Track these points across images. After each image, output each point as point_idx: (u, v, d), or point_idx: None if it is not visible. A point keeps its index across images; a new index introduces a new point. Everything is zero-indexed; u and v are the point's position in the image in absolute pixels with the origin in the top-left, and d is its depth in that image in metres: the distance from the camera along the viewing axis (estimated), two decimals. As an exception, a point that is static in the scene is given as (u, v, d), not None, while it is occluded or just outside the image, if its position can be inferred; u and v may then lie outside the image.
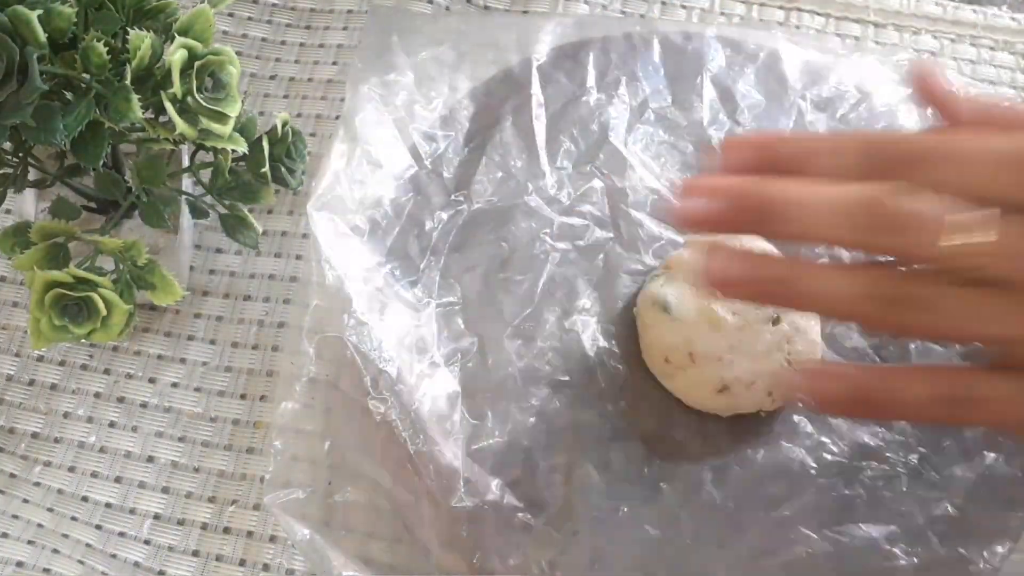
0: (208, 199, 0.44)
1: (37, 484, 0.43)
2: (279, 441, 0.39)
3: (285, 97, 0.52)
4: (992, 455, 0.39)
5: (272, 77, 0.53)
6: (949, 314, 0.30)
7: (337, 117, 0.51)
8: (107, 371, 0.46)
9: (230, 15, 0.54)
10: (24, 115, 0.36)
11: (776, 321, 0.40)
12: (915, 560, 0.37)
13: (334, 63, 0.53)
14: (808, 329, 0.40)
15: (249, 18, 0.55)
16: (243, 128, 0.41)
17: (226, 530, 0.42)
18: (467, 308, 0.41)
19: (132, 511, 0.43)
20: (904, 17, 0.54)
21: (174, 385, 0.45)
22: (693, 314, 0.39)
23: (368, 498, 0.38)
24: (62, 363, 0.46)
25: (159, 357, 0.46)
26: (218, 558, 0.42)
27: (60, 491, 0.43)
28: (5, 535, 0.41)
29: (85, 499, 0.43)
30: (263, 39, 0.54)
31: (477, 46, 0.46)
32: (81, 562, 0.41)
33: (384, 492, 0.38)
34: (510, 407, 0.40)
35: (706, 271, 0.33)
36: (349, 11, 0.55)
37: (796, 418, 0.40)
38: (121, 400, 0.45)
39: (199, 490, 0.43)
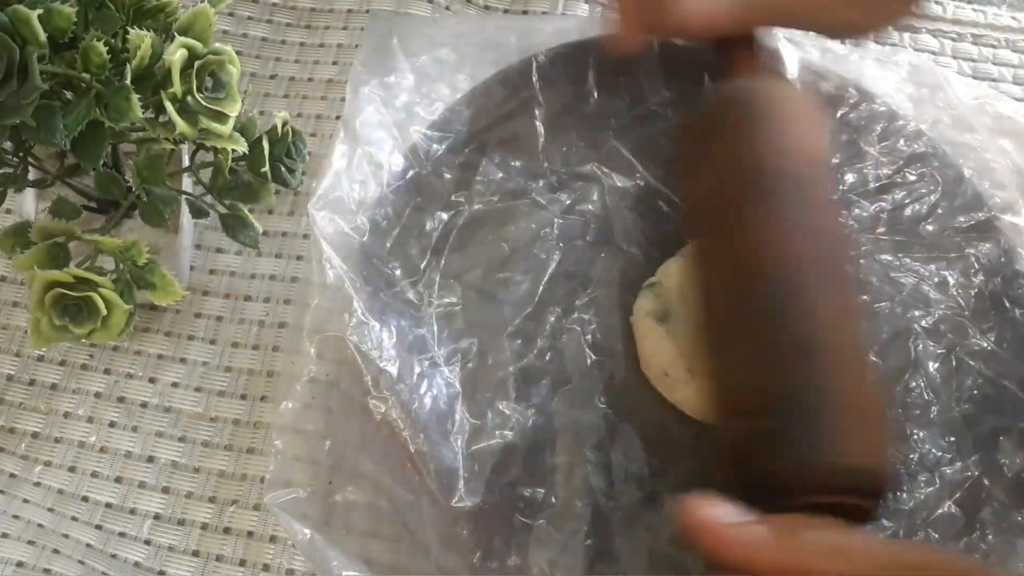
0: (208, 199, 0.44)
1: (37, 484, 0.43)
2: (280, 441, 0.39)
3: (285, 97, 0.52)
4: (994, 456, 0.39)
5: (272, 77, 0.53)
6: None
7: (337, 117, 0.51)
8: (107, 371, 0.46)
9: (230, 14, 0.54)
10: (24, 115, 0.36)
11: None
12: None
13: (334, 63, 0.53)
14: None
15: (249, 17, 0.55)
16: (243, 128, 0.41)
17: (226, 530, 0.42)
18: (467, 308, 0.41)
19: (132, 511, 0.43)
20: (904, 17, 0.54)
21: (174, 385, 0.45)
22: (690, 328, 0.39)
23: (368, 498, 0.38)
24: (62, 363, 0.46)
25: (159, 357, 0.46)
26: (218, 558, 0.42)
27: (60, 491, 0.43)
28: (5, 535, 0.41)
29: (85, 499, 0.43)
30: (263, 39, 0.54)
31: (477, 48, 0.46)
32: (81, 562, 0.41)
33: (384, 492, 0.38)
34: (510, 407, 0.39)
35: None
36: (349, 11, 0.55)
37: None
38: (121, 400, 0.45)
39: (199, 490, 0.43)
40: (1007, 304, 0.42)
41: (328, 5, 0.55)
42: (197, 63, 0.38)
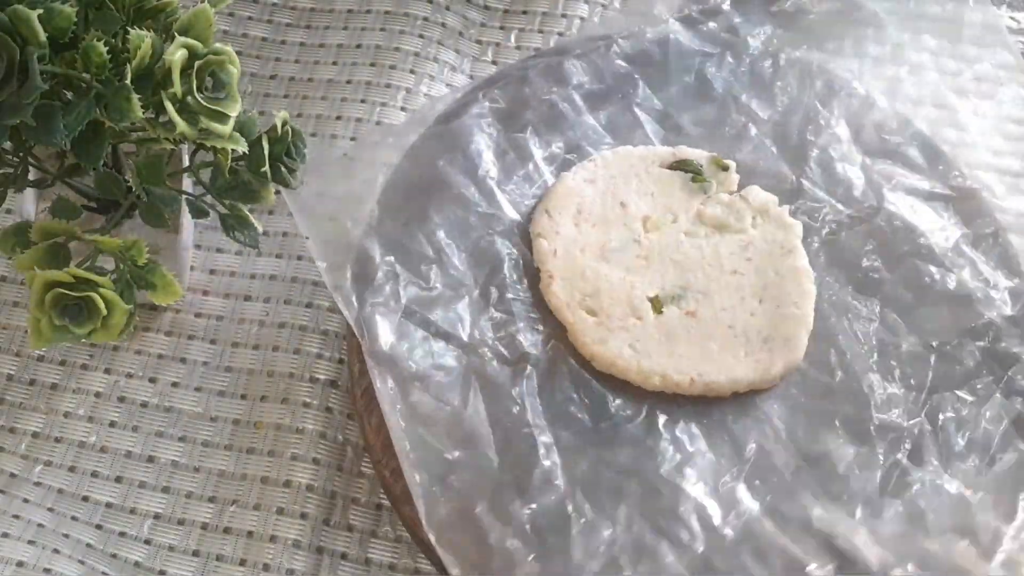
0: (208, 199, 0.44)
1: (38, 484, 0.43)
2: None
3: (285, 97, 0.52)
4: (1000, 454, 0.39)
5: (272, 77, 0.53)
6: None
7: (338, 118, 0.51)
8: (107, 371, 0.46)
9: (230, 14, 0.54)
10: (24, 115, 0.36)
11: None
12: (913, 567, 0.37)
13: (334, 63, 0.53)
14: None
15: (249, 17, 0.55)
16: (242, 127, 0.41)
17: (226, 530, 0.42)
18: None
19: (132, 511, 0.43)
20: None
21: (174, 385, 0.45)
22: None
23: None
24: (63, 363, 0.46)
25: (159, 357, 0.46)
26: (218, 558, 0.42)
27: (61, 491, 0.43)
28: (6, 535, 0.41)
29: (86, 499, 0.43)
30: (263, 39, 0.54)
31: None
32: (82, 562, 0.41)
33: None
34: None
35: None
36: (349, 11, 0.55)
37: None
38: (122, 400, 0.45)
39: (199, 490, 0.43)
40: None
41: (328, 5, 0.55)
42: (197, 63, 0.38)
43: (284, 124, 0.43)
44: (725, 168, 0.45)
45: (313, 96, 0.52)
